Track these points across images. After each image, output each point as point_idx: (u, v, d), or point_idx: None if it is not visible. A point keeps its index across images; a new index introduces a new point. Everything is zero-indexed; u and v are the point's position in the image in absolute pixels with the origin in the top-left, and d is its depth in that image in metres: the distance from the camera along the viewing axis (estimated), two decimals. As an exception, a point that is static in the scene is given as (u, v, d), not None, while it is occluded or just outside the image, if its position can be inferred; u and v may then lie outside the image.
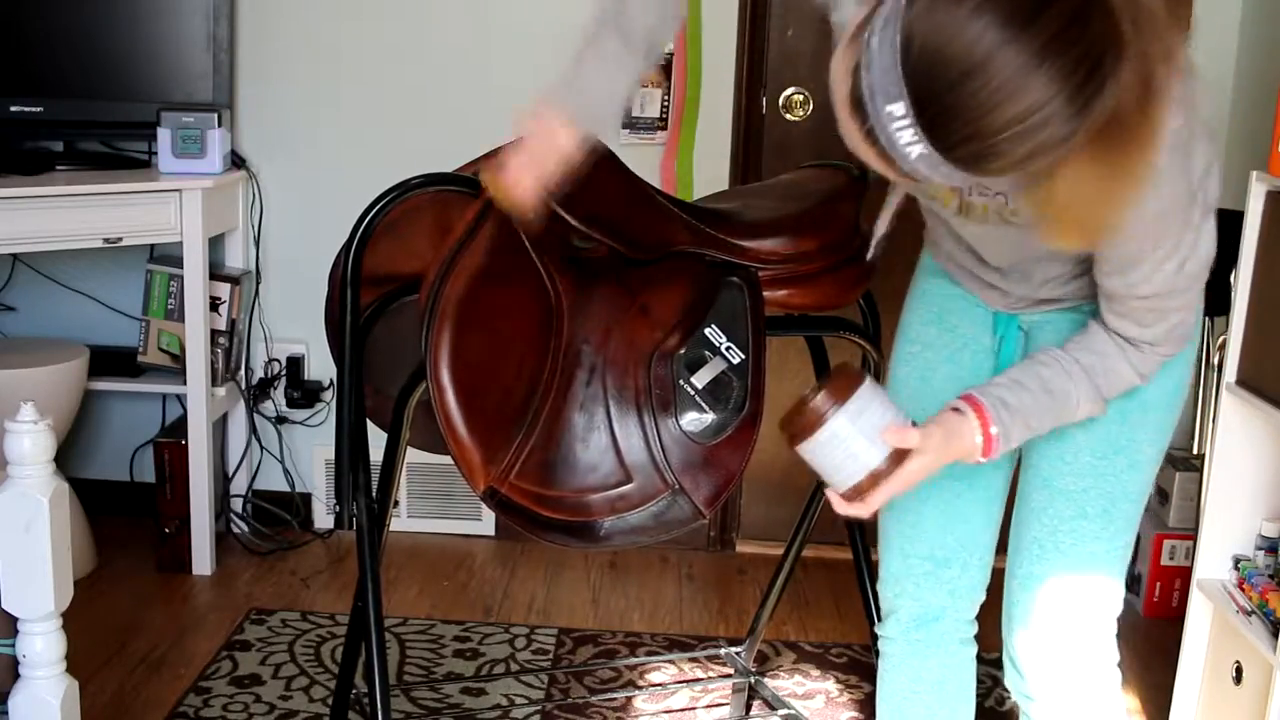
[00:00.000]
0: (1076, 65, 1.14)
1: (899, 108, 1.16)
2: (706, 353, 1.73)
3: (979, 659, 1.84)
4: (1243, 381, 2.28)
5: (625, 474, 1.68)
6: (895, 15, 1.15)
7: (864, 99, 1.18)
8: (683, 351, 1.72)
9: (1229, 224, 2.56)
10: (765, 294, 1.83)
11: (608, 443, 1.68)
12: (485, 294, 1.66)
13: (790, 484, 3.47)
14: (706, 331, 1.73)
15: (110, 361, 3.31)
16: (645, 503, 1.68)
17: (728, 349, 1.73)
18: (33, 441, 1.73)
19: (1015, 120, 1.14)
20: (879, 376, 2.03)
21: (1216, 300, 2.68)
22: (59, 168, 3.08)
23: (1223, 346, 2.35)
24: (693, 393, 1.71)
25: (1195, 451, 2.75)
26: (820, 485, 2.27)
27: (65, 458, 3.27)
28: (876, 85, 1.16)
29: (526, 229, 1.67)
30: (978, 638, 1.84)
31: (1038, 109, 1.13)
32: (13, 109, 3.10)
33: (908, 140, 1.17)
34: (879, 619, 1.86)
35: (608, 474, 1.68)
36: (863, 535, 2.17)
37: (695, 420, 1.70)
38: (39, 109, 3.12)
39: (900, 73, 1.15)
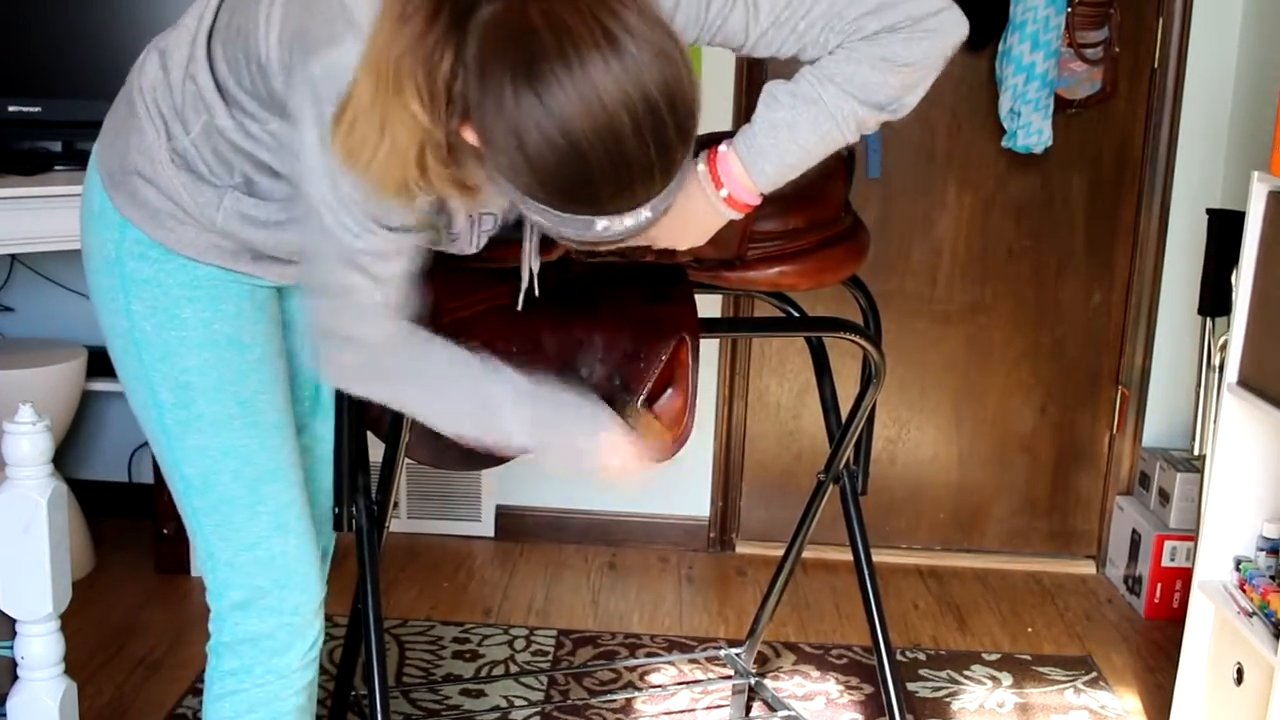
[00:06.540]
0: None
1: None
2: None
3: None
4: (1244, 382, 2.28)
5: None
6: None
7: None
8: None
9: (1229, 224, 2.58)
10: (756, 274, 1.80)
11: None
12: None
13: (790, 485, 3.47)
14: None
15: (109, 362, 3.28)
16: None
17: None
18: (31, 443, 1.73)
19: None
20: (879, 378, 2.02)
21: (1217, 300, 2.69)
22: (58, 168, 3.07)
23: (1224, 347, 2.34)
24: None
25: (1196, 452, 2.75)
26: (820, 485, 2.27)
27: (63, 458, 3.26)
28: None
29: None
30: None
31: None
32: (11, 109, 3.08)
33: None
34: None
35: None
36: (863, 536, 2.16)
37: None
38: (38, 109, 3.10)
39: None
